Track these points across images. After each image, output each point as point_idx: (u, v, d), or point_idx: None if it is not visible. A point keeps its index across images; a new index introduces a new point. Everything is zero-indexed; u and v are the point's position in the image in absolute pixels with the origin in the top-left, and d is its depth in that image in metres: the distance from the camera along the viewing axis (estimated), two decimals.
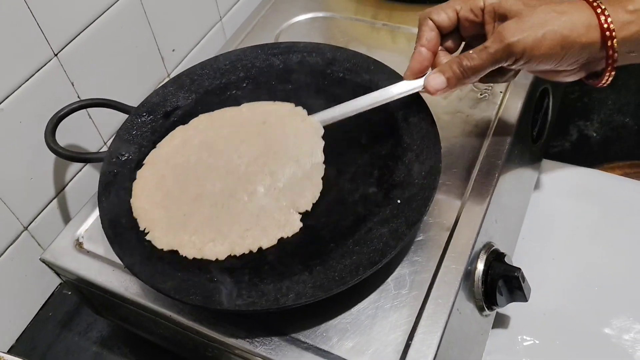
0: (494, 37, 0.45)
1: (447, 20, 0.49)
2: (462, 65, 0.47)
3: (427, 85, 0.49)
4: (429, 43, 0.49)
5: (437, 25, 0.49)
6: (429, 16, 0.49)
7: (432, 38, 0.49)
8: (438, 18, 0.49)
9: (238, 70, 0.61)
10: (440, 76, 0.48)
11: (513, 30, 0.44)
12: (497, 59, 0.45)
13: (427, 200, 0.46)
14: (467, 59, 0.46)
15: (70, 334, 0.63)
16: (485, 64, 0.46)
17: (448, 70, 0.48)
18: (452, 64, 0.47)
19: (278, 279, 0.44)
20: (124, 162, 0.54)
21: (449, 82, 0.48)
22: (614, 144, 0.83)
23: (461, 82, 0.48)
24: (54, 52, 0.57)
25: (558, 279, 0.64)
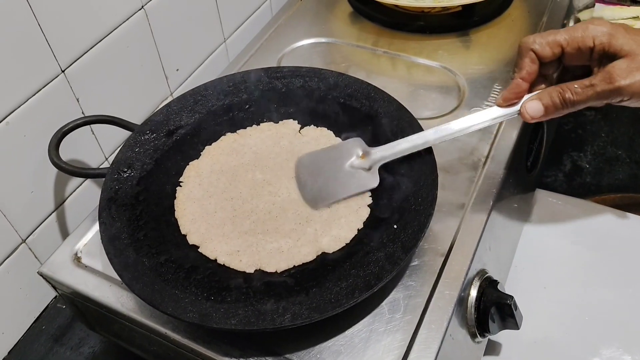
0: (603, 76, 0.44)
1: (551, 55, 0.47)
2: (563, 97, 0.46)
3: (523, 112, 0.48)
4: (528, 76, 0.48)
5: (538, 57, 0.48)
6: (532, 48, 0.47)
7: (532, 71, 0.48)
8: (542, 52, 0.47)
9: (241, 92, 0.62)
10: (538, 104, 0.47)
11: (625, 72, 0.43)
12: (602, 97, 0.45)
13: (423, 226, 0.47)
14: (570, 92, 0.46)
15: (62, 349, 0.63)
16: (588, 100, 0.45)
17: (547, 99, 0.47)
18: (553, 93, 0.47)
19: (274, 299, 0.45)
20: (126, 178, 0.54)
21: (547, 110, 0.47)
22: (606, 176, 0.85)
23: (559, 112, 0.47)
24: (61, 69, 0.58)
25: (549, 308, 0.64)
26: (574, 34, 0.46)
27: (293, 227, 0.51)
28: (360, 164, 0.53)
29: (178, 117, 0.60)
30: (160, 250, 0.50)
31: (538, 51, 0.47)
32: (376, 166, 0.53)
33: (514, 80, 0.49)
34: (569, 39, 0.47)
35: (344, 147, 0.55)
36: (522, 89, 0.49)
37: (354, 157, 0.53)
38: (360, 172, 0.53)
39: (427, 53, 0.73)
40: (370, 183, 0.52)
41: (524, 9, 0.80)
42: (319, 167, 0.54)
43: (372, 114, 0.59)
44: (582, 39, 0.46)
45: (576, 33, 0.46)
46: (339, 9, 0.83)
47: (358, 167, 0.53)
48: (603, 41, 0.45)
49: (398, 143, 0.52)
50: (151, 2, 0.66)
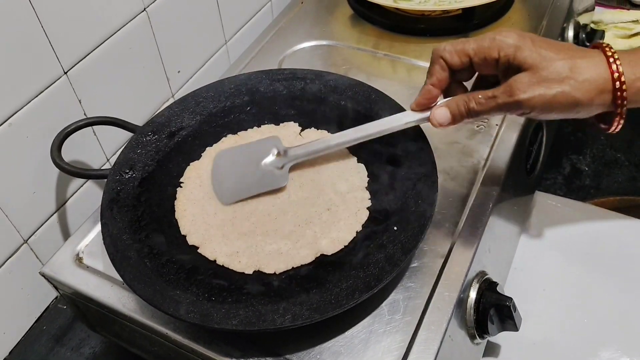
0: (504, 89, 0.45)
1: (460, 63, 0.48)
2: (468, 107, 0.47)
3: (432, 119, 0.49)
4: (439, 82, 0.49)
5: (448, 65, 0.48)
6: (441, 55, 0.48)
7: (442, 78, 0.49)
8: (450, 60, 0.48)
9: (242, 94, 0.63)
10: (446, 111, 0.48)
11: (525, 86, 0.44)
12: (503, 109, 0.45)
13: (423, 227, 0.47)
14: (474, 102, 0.47)
15: (62, 349, 0.63)
16: (490, 111, 0.46)
17: (454, 108, 0.48)
18: (459, 102, 0.48)
19: (275, 300, 0.45)
20: (128, 179, 0.55)
21: (453, 118, 0.48)
22: (605, 179, 0.85)
23: (465, 120, 0.48)
24: (63, 70, 0.58)
25: (548, 310, 0.65)
26: (481, 44, 0.46)
27: (292, 229, 0.51)
28: (274, 162, 0.54)
29: (180, 119, 0.60)
30: (161, 250, 0.50)
31: (447, 59, 0.48)
32: (287, 165, 0.54)
33: (425, 86, 0.50)
34: (476, 49, 0.46)
35: (261, 144, 0.56)
36: (432, 95, 0.49)
37: (270, 155, 0.54)
38: (273, 170, 0.54)
39: (428, 56, 0.71)
40: (279, 182, 0.53)
41: (524, 12, 0.80)
42: (236, 162, 0.55)
43: (373, 116, 0.59)
44: (488, 50, 0.46)
45: (483, 43, 0.46)
46: (340, 12, 0.84)
47: (271, 166, 0.54)
48: (508, 53, 0.45)
49: (313, 143, 0.54)
50: (153, 4, 0.67)
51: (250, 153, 0.56)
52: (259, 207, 0.53)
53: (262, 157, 0.54)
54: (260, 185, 0.53)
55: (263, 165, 0.54)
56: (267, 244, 0.50)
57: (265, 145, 0.55)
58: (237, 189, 0.54)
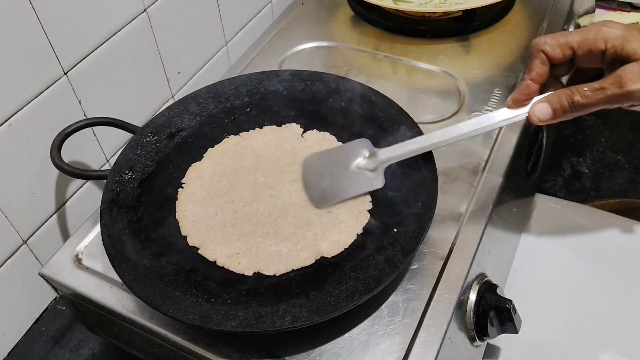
0: (614, 80, 0.43)
1: (562, 57, 0.46)
2: (572, 100, 0.45)
3: (532, 114, 0.48)
4: (539, 77, 0.47)
5: (549, 59, 0.47)
6: (542, 49, 0.46)
7: (542, 73, 0.47)
8: (552, 54, 0.46)
9: (243, 95, 0.63)
10: (547, 107, 0.46)
11: (636, 77, 0.42)
12: (612, 101, 0.44)
13: (422, 229, 0.47)
14: (579, 95, 0.45)
15: (61, 350, 0.63)
16: (598, 103, 0.44)
17: (556, 102, 0.46)
18: (562, 96, 0.46)
19: (275, 302, 0.45)
20: (128, 180, 0.55)
21: (555, 113, 0.46)
22: (605, 181, 0.85)
23: (567, 115, 0.46)
24: (63, 71, 0.58)
25: (548, 312, 0.65)
26: (586, 36, 0.45)
27: (293, 231, 0.51)
28: (366, 164, 0.53)
29: (180, 120, 0.60)
30: (161, 252, 0.50)
31: (549, 52, 0.46)
32: (382, 167, 0.53)
33: (524, 82, 0.48)
34: (581, 41, 0.45)
35: (350, 147, 0.55)
36: (531, 91, 0.48)
37: (360, 157, 0.53)
38: (366, 172, 0.53)
39: (428, 57, 0.73)
40: (375, 184, 0.52)
41: (525, 14, 0.80)
42: (325, 167, 0.55)
43: (373, 118, 0.59)
44: (594, 42, 0.45)
45: (588, 35, 0.45)
46: (340, 13, 0.84)
47: (364, 168, 0.53)
48: (615, 44, 0.44)
49: (405, 144, 0.52)
50: (153, 5, 0.67)
51: (340, 157, 0.55)
52: (260, 209, 0.53)
53: (352, 160, 0.53)
54: (356, 188, 0.53)
55: (355, 168, 0.53)
56: (267, 245, 0.50)
57: (354, 148, 0.54)
58: (333, 193, 0.53)
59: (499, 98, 0.66)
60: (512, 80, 0.68)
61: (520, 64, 0.71)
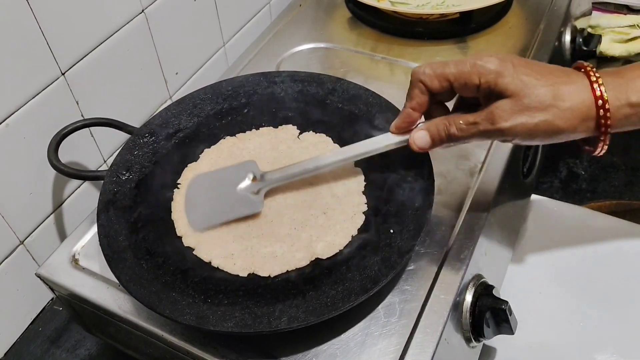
0: (486, 116, 0.44)
1: (439, 87, 0.46)
2: (448, 131, 0.46)
3: (411, 142, 0.48)
4: (419, 106, 0.48)
5: (427, 89, 0.47)
6: (421, 79, 0.46)
7: (422, 102, 0.47)
8: (430, 84, 0.46)
9: (240, 96, 0.63)
10: (425, 135, 0.47)
11: (507, 114, 0.43)
12: (484, 136, 0.45)
13: (419, 230, 0.47)
14: (454, 127, 0.46)
15: (58, 351, 0.63)
16: (471, 137, 0.45)
17: (434, 131, 0.47)
18: (440, 125, 0.47)
19: (271, 302, 0.45)
20: (125, 181, 0.55)
21: (433, 142, 0.47)
22: (601, 183, 0.85)
23: (445, 146, 0.47)
24: (61, 72, 0.58)
25: (544, 313, 0.65)
26: (461, 69, 0.45)
27: (288, 232, 0.51)
28: (249, 187, 0.52)
29: (177, 121, 0.60)
30: (158, 252, 0.50)
31: (427, 83, 0.46)
32: (263, 190, 0.52)
33: (405, 109, 0.48)
34: (456, 74, 0.45)
35: (237, 169, 0.54)
36: (412, 119, 0.48)
37: (246, 180, 0.53)
38: (248, 195, 0.52)
39: (425, 59, 0.74)
40: (254, 207, 0.52)
41: (522, 16, 0.81)
42: (211, 187, 0.54)
43: (370, 119, 0.59)
44: (469, 75, 0.44)
45: (464, 68, 0.45)
46: (338, 15, 0.84)
47: (247, 191, 0.52)
48: (489, 79, 0.43)
49: (290, 168, 0.52)
50: (151, 6, 0.67)
51: (226, 178, 0.54)
52: None
53: (237, 182, 0.53)
54: (234, 211, 0.52)
55: (238, 191, 0.52)
56: (262, 246, 0.50)
57: (242, 169, 0.54)
58: (210, 215, 0.52)
59: None
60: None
61: None
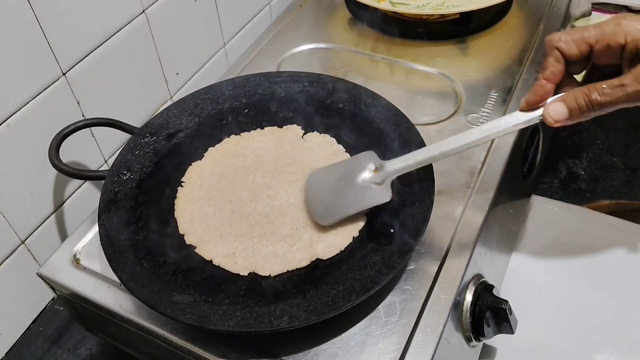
0: (635, 75, 0.40)
1: (578, 53, 0.43)
2: (590, 99, 0.42)
3: (547, 115, 0.44)
4: (553, 76, 0.44)
5: (564, 57, 0.44)
6: (557, 46, 0.44)
7: (557, 71, 0.44)
8: (568, 51, 0.43)
9: (241, 96, 0.63)
10: (562, 106, 0.43)
11: None
12: (633, 99, 0.41)
13: (419, 230, 0.48)
14: (597, 93, 0.42)
15: (59, 350, 0.63)
16: (617, 102, 0.42)
17: (572, 102, 0.43)
18: (578, 94, 0.43)
19: (272, 302, 0.45)
20: (126, 180, 0.55)
21: (572, 114, 0.43)
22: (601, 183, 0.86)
23: (585, 116, 0.43)
24: (62, 72, 0.58)
25: (544, 313, 0.65)
26: (604, 30, 0.42)
27: (289, 232, 0.51)
28: (373, 178, 0.51)
29: (178, 121, 0.60)
30: (159, 252, 0.50)
31: (564, 49, 0.44)
32: (389, 180, 0.50)
33: (538, 82, 0.45)
34: (598, 36, 0.43)
35: (356, 160, 0.53)
36: (545, 91, 0.45)
37: (367, 171, 0.51)
38: (373, 186, 0.51)
39: (425, 59, 0.74)
40: (383, 197, 0.50)
41: (521, 17, 0.81)
42: (330, 182, 0.53)
43: (370, 120, 0.59)
44: (613, 36, 0.42)
45: (607, 29, 0.42)
46: (338, 15, 0.84)
47: (370, 182, 0.51)
48: (637, 38, 0.41)
49: (413, 155, 0.50)
50: (152, 6, 0.67)
51: (345, 171, 0.53)
52: (258, 209, 0.53)
53: (358, 174, 0.51)
54: (361, 202, 0.51)
55: (361, 182, 0.51)
56: (263, 246, 0.50)
57: (360, 161, 0.52)
58: (337, 209, 0.51)
59: (495, 100, 0.67)
60: (508, 82, 0.69)
61: (517, 67, 0.71)
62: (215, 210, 0.53)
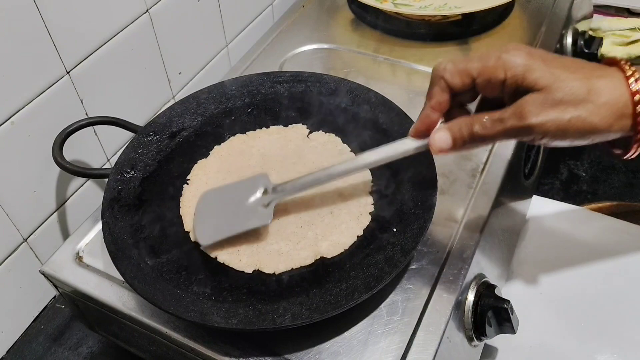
0: (514, 111, 0.40)
1: (461, 85, 0.43)
2: (472, 131, 0.42)
3: (431, 144, 0.44)
4: (439, 105, 0.44)
5: (449, 87, 0.43)
6: (442, 76, 0.43)
7: (443, 100, 0.44)
8: (451, 81, 0.43)
9: (244, 95, 0.63)
10: (447, 135, 0.43)
11: (537, 109, 0.39)
12: (511, 135, 0.41)
13: (422, 229, 0.48)
14: (478, 125, 0.42)
15: (60, 349, 0.63)
16: (497, 136, 0.41)
17: (456, 132, 0.43)
18: (462, 125, 0.43)
19: (275, 300, 0.45)
20: (129, 179, 0.55)
21: (455, 144, 0.43)
22: (602, 184, 0.86)
23: (467, 147, 0.43)
24: (66, 70, 0.58)
25: (545, 314, 0.65)
26: (485, 64, 0.42)
27: (294, 230, 0.51)
28: (260, 200, 0.51)
29: (181, 120, 0.61)
30: (162, 249, 0.50)
31: (448, 80, 0.43)
32: (273, 203, 0.51)
33: (424, 110, 0.45)
34: (480, 69, 0.42)
35: (248, 183, 0.53)
36: (432, 120, 0.45)
37: (257, 193, 0.51)
38: (259, 208, 0.51)
39: (427, 60, 0.74)
40: (262, 220, 0.50)
41: (523, 18, 0.81)
42: (221, 202, 0.53)
43: (373, 119, 0.59)
44: (494, 70, 0.41)
45: (488, 62, 0.41)
46: (341, 16, 0.84)
47: (256, 204, 0.51)
48: (516, 73, 0.40)
49: (302, 179, 0.50)
50: (155, 6, 0.67)
51: (237, 192, 0.53)
52: None
53: (248, 196, 0.52)
54: (243, 224, 0.50)
55: (248, 204, 0.51)
56: (268, 243, 0.50)
57: (253, 183, 0.53)
58: (217, 229, 0.51)
59: None
60: None
61: None
62: None
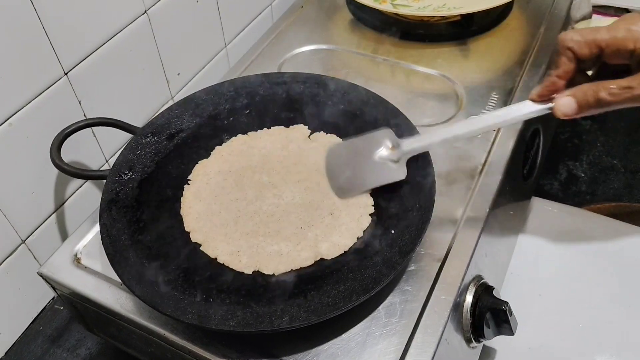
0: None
1: (589, 54, 0.45)
2: (598, 97, 0.44)
3: (557, 109, 0.46)
4: (565, 74, 0.46)
5: (576, 56, 0.46)
6: (569, 46, 0.45)
7: (569, 69, 0.46)
8: (579, 51, 0.45)
9: (242, 97, 0.63)
10: (572, 101, 0.45)
11: None
12: (638, 101, 0.43)
13: (420, 231, 0.48)
14: (605, 92, 0.44)
15: (58, 350, 0.63)
16: (624, 102, 0.43)
17: (582, 97, 0.45)
18: (588, 91, 0.45)
19: (273, 302, 0.45)
20: (127, 180, 0.55)
21: (580, 109, 0.45)
22: (601, 185, 0.86)
23: (592, 111, 0.45)
24: (64, 71, 0.58)
25: (544, 315, 0.65)
26: (615, 35, 0.44)
27: (294, 231, 0.51)
28: (389, 155, 0.52)
29: (179, 121, 0.61)
30: (160, 251, 0.50)
31: (575, 50, 0.45)
32: (404, 158, 0.52)
33: (550, 78, 0.47)
34: (609, 40, 0.44)
35: (374, 137, 0.54)
36: (557, 87, 0.47)
37: (383, 148, 0.53)
38: (389, 163, 0.52)
39: (426, 61, 0.74)
40: (398, 175, 0.52)
41: (522, 19, 0.81)
42: (349, 157, 0.55)
43: (371, 121, 0.59)
44: (623, 41, 0.44)
45: (617, 34, 0.44)
46: (340, 17, 0.84)
47: (387, 159, 0.52)
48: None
49: (428, 135, 0.52)
50: (154, 7, 0.67)
51: (363, 147, 0.54)
52: (263, 208, 0.53)
53: (375, 151, 0.53)
54: (378, 179, 0.52)
55: (377, 159, 0.52)
56: (268, 244, 0.50)
57: (378, 138, 0.54)
58: (354, 184, 0.53)
59: (496, 102, 0.67)
60: (509, 84, 0.69)
61: (517, 69, 0.72)
62: (221, 209, 0.53)
